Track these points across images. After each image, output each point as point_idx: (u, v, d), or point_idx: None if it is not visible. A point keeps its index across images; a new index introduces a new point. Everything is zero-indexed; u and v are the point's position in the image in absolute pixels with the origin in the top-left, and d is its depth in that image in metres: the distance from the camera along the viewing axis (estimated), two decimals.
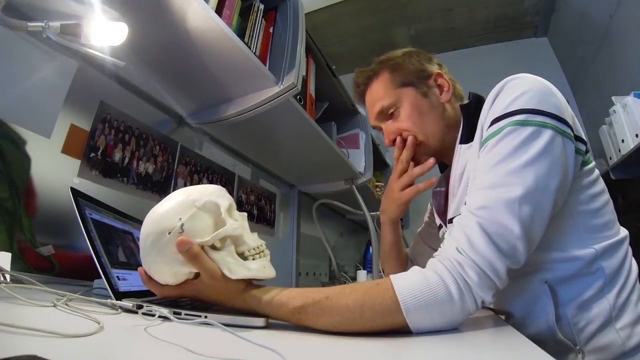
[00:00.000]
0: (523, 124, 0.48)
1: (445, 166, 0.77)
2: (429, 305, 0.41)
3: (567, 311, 0.53)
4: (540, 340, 0.54)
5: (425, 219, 0.92)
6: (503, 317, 0.62)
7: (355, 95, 0.79)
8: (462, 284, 0.42)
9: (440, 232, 0.76)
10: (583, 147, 0.55)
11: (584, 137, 0.55)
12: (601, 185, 0.57)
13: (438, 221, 0.76)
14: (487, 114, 0.54)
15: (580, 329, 0.52)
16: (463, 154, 0.63)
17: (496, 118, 0.51)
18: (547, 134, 0.48)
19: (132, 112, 0.90)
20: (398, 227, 0.84)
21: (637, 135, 1.40)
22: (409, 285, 0.42)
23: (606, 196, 0.57)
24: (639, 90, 1.47)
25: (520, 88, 0.51)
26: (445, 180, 0.76)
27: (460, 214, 0.49)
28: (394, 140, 0.71)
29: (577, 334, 0.52)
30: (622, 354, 0.50)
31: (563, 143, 0.49)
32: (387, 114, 0.71)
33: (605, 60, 1.89)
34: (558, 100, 0.51)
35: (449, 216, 0.68)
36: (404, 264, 0.89)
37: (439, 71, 0.70)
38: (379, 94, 0.72)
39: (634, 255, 0.57)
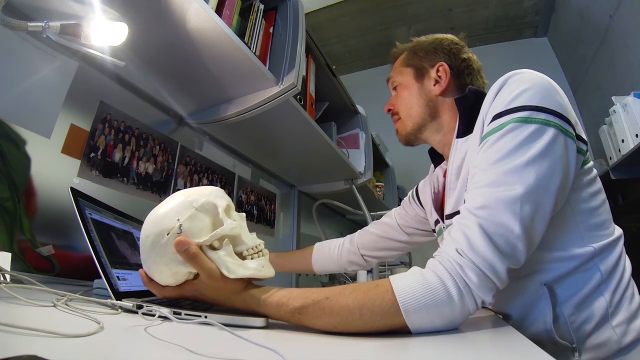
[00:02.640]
0: (526, 121, 0.48)
1: (439, 159, 0.77)
2: (429, 306, 0.40)
3: (565, 310, 0.53)
4: (536, 342, 0.54)
5: (407, 210, 0.89)
6: (501, 316, 0.62)
7: (390, 61, 0.84)
8: (462, 286, 0.41)
9: (437, 227, 0.75)
10: (584, 147, 0.54)
11: (584, 137, 0.55)
12: (599, 184, 0.57)
13: (435, 216, 0.75)
14: (488, 108, 0.54)
15: (577, 328, 0.52)
16: (460, 148, 0.63)
17: (498, 113, 0.51)
18: (550, 133, 0.47)
19: (132, 112, 0.90)
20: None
21: (637, 135, 1.40)
22: (408, 287, 0.42)
23: (603, 195, 0.57)
24: (639, 90, 1.47)
25: (524, 84, 0.51)
26: (441, 172, 0.76)
27: (459, 210, 0.49)
28: (388, 110, 0.77)
29: (574, 333, 0.52)
30: (618, 351, 0.51)
31: (565, 142, 0.49)
32: (392, 85, 0.77)
33: (605, 60, 1.89)
34: (561, 98, 0.51)
35: (447, 211, 0.67)
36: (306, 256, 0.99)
37: (442, 62, 0.70)
38: (395, 66, 0.78)
39: (633, 254, 0.57)
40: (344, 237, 0.99)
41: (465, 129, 0.62)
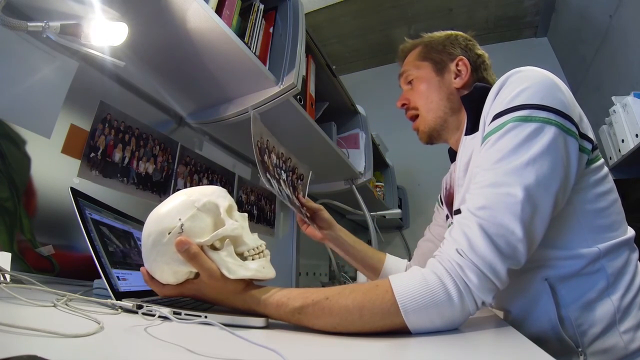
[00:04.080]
0: (526, 119, 0.47)
1: (455, 156, 0.77)
2: (428, 307, 0.40)
3: (570, 313, 0.52)
4: (543, 339, 0.53)
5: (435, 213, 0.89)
6: (502, 314, 0.62)
7: (398, 58, 0.83)
8: (462, 286, 0.41)
9: (448, 222, 0.75)
10: (589, 146, 0.53)
11: (590, 135, 0.54)
12: (609, 184, 0.55)
13: (445, 211, 0.76)
14: (489, 107, 0.53)
15: (584, 331, 0.51)
16: (468, 145, 0.63)
17: (498, 113, 0.50)
18: (550, 132, 0.47)
19: (132, 112, 0.90)
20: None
21: (637, 135, 1.40)
22: (408, 287, 0.41)
23: (614, 195, 0.55)
24: (639, 90, 1.47)
25: (524, 82, 0.50)
26: (454, 169, 0.76)
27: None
28: (402, 105, 0.77)
29: (580, 336, 0.51)
30: (624, 357, 0.50)
31: (566, 141, 0.48)
32: (406, 80, 0.77)
33: (605, 60, 1.89)
34: (564, 96, 0.50)
35: (455, 207, 0.67)
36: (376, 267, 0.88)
37: (462, 56, 0.71)
38: (408, 61, 0.78)
39: None
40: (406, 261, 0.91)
41: (473, 126, 0.62)
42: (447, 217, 0.75)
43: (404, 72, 0.78)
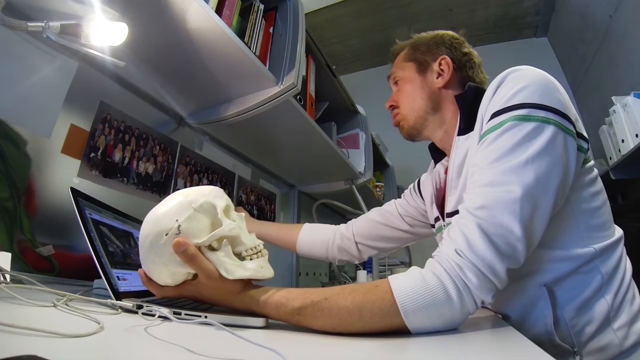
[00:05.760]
0: (525, 119, 0.47)
1: (440, 155, 0.77)
2: (428, 307, 0.40)
3: (565, 314, 0.52)
4: (539, 343, 0.53)
5: (404, 202, 0.89)
6: (500, 316, 0.62)
7: (390, 60, 0.85)
8: (462, 287, 0.41)
9: (437, 225, 0.75)
10: (585, 145, 0.53)
11: (585, 134, 0.54)
12: (600, 184, 0.56)
13: (435, 213, 0.75)
14: (487, 106, 0.53)
15: (579, 331, 0.52)
16: (461, 145, 0.62)
17: (497, 111, 0.50)
18: (549, 131, 0.47)
19: (132, 112, 0.90)
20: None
21: (637, 135, 1.40)
22: (407, 287, 0.41)
23: (604, 195, 0.56)
24: (639, 90, 1.47)
25: (523, 81, 0.50)
26: (442, 169, 0.76)
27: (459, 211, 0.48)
28: (390, 106, 0.78)
29: (575, 337, 0.52)
30: (619, 354, 0.50)
31: (565, 140, 0.48)
32: (393, 81, 0.78)
33: (605, 60, 1.89)
34: (561, 95, 0.50)
35: (448, 210, 0.66)
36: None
37: (444, 55, 0.70)
38: (396, 62, 0.79)
39: (634, 254, 0.57)
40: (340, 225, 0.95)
41: (466, 126, 0.62)
42: (437, 218, 0.74)
43: (391, 73, 0.79)
